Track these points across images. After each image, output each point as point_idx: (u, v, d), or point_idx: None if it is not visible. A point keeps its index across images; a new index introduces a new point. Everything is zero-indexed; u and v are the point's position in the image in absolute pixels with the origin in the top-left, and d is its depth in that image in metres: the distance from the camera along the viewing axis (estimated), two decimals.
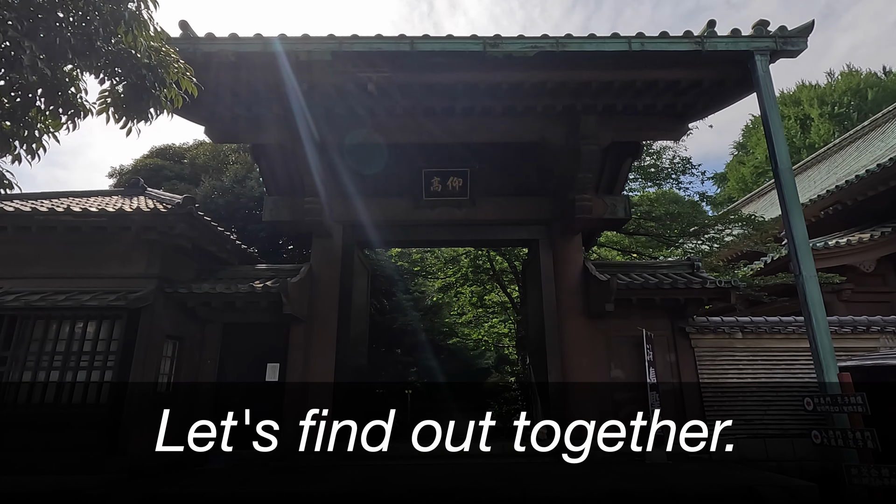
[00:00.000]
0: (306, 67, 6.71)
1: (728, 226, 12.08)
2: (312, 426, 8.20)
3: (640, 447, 8.19)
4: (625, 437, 8.41)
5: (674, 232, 13.13)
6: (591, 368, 8.56)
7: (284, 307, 7.89)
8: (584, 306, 8.86)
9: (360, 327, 10.15)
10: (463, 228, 9.59)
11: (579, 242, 9.34)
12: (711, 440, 8.24)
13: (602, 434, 8.31)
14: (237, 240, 10.37)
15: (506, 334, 18.33)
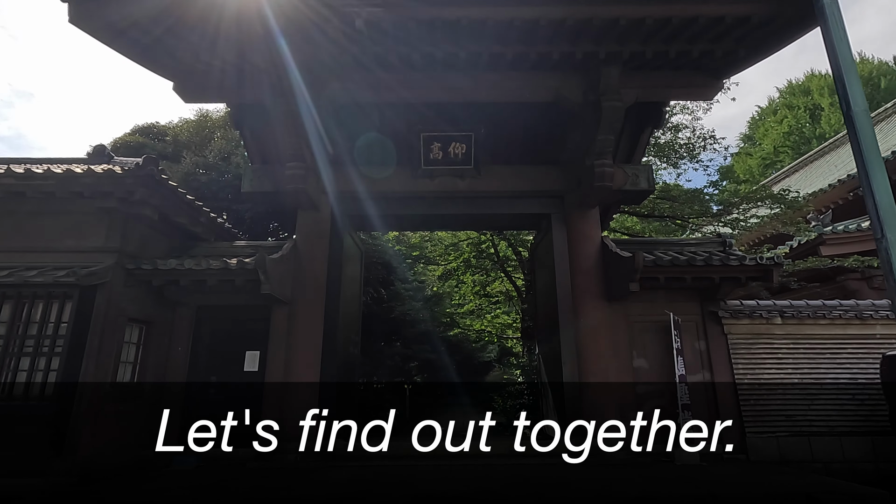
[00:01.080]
0: None
1: (755, 205, 11.07)
2: (295, 422, 7.24)
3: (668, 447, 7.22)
4: (650, 436, 7.44)
5: (693, 212, 12.12)
6: (610, 358, 7.57)
7: (262, 286, 6.90)
8: (602, 288, 7.87)
9: (351, 313, 9.17)
10: (466, 201, 8.58)
11: (596, 217, 8.33)
12: (746, 438, 7.27)
13: (624, 432, 7.35)
14: (220, 217, 9.38)
15: (509, 325, 17.34)
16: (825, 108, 38.65)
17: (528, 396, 12.83)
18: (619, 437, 7.22)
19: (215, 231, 8.55)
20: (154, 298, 7.54)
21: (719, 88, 7.48)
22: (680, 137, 13.07)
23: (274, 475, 6.23)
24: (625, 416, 7.43)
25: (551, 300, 8.49)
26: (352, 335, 9.07)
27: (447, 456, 7.29)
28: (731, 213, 11.44)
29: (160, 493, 5.36)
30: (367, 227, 10.45)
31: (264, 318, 7.87)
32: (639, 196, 8.36)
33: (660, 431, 7.44)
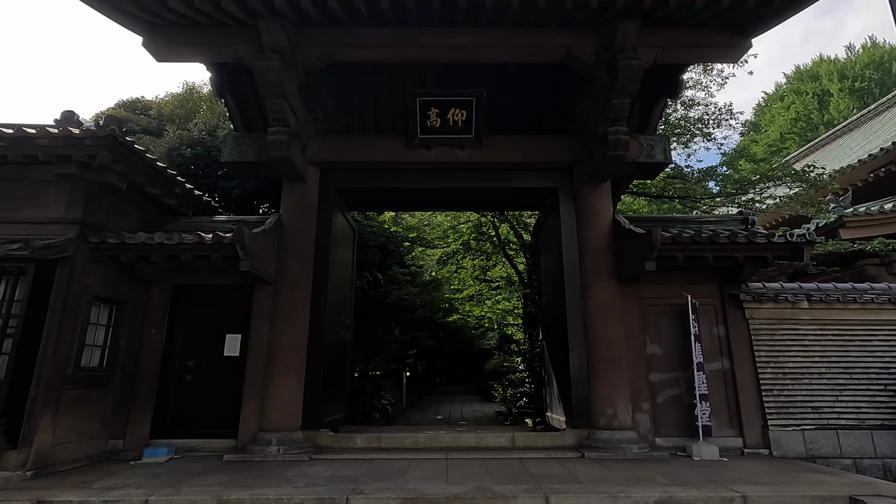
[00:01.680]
0: None
1: (774, 184, 10.38)
2: (278, 409, 6.64)
3: (685, 440, 6.65)
4: (665, 429, 6.87)
5: (706, 192, 11.45)
6: (621, 344, 6.96)
7: (241, 263, 6.25)
8: (613, 268, 7.23)
9: (343, 295, 8.54)
10: (466, 175, 7.90)
11: (608, 191, 7.66)
12: (768, 432, 6.69)
13: (637, 423, 6.77)
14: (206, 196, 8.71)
15: (510, 311, 16.74)
16: (834, 93, 37.83)
17: (529, 385, 12.25)
18: (631, 429, 6.65)
19: (193, 205, 7.88)
20: (125, 276, 6.90)
21: (746, 49, 6.75)
22: (691, 116, 12.35)
23: (249, 469, 5.64)
24: (637, 407, 6.85)
25: (557, 282, 7.86)
26: (343, 318, 8.46)
27: (444, 449, 6.70)
28: (746, 194, 10.76)
29: (110, 492, 4.76)
30: (360, 204, 9.84)
31: (246, 299, 7.24)
32: (654, 169, 7.68)
33: (675, 424, 6.88)
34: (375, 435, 6.81)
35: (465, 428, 9.24)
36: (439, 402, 19.63)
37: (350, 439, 6.79)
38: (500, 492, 4.66)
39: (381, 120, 8.08)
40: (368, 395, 12.48)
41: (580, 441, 6.75)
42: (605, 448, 6.39)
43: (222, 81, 7.30)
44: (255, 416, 6.72)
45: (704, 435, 6.41)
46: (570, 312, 7.26)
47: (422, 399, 21.48)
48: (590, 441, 6.63)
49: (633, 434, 6.60)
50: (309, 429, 6.79)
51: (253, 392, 6.82)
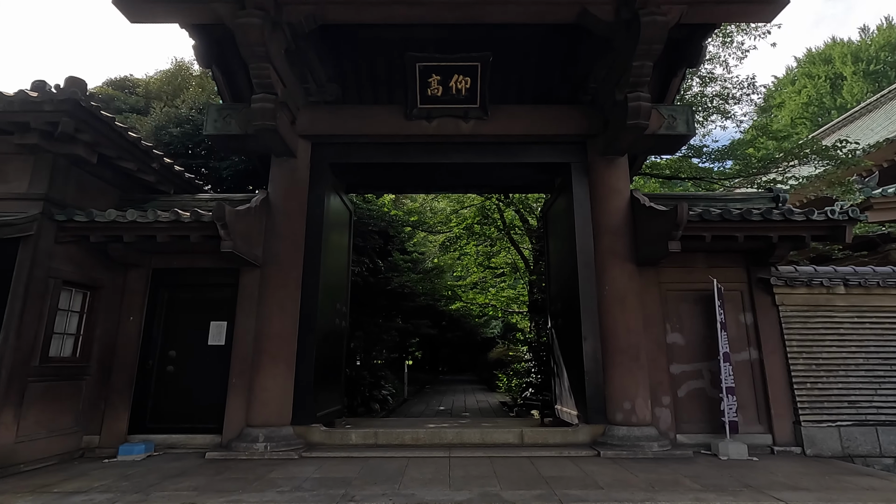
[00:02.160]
0: None
1: (800, 162, 9.70)
2: (266, 403, 6.12)
3: (710, 438, 6.10)
4: (688, 425, 6.32)
5: (724, 174, 10.79)
6: (639, 332, 6.38)
7: (223, 243, 5.67)
8: (631, 250, 6.62)
9: (338, 280, 7.97)
10: (470, 148, 7.26)
11: (625, 166, 7.02)
12: (801, 428, 6.12)
13: (657, 418, 6.21)
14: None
15: (514, 299, 16.18)
16: (847, 76, 36.82)
17: (535, 375, 11.74)
18: (650, 425, 6.10)
19: (174, 182, 7.28)
20: (99, 259, 6.34)
21: (782, 6, 6.07)
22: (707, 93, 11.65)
23: (232, 469, 5.11)
24: (657, 401, 6.28)
25: (568, 266, 7.27)
26: (339, 305, 7.89)
27: (446, 446, 6.16)
28: (768, 174, 10.09)
29: (70, 497, 4.24)
30: (357, 185, 9.23)
31: (232, 284, 6.68)
32: (675, 143, 7.02)
33: (698, 419, 6.32)
34: (372, 431, 6.28)
35: (468, 422, 8.73)
36: (442, 392, 19.19)
37: (344, 435, 6.26)
38: (509, 498, 4.11)
39: (378, 90, 7.46)
40: (368, 386, 11.99)
41: (594, 438, 6.20)
42: (622, 446, 5.84)
43: (206, 49, 6.65)
44: (241, 410, 6.19)
45: (731, 431, 5.85)
46: (584, 298, 6.67)
47: (424, 389, 21.05)
48: (605, 438, 6.08)
49: (653, 430, 6.04)
50: (300, 424, 6.27)
51: (239, 384, 6.29)
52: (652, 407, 6.21)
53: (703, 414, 6.31)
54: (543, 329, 12.93)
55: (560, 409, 7.82)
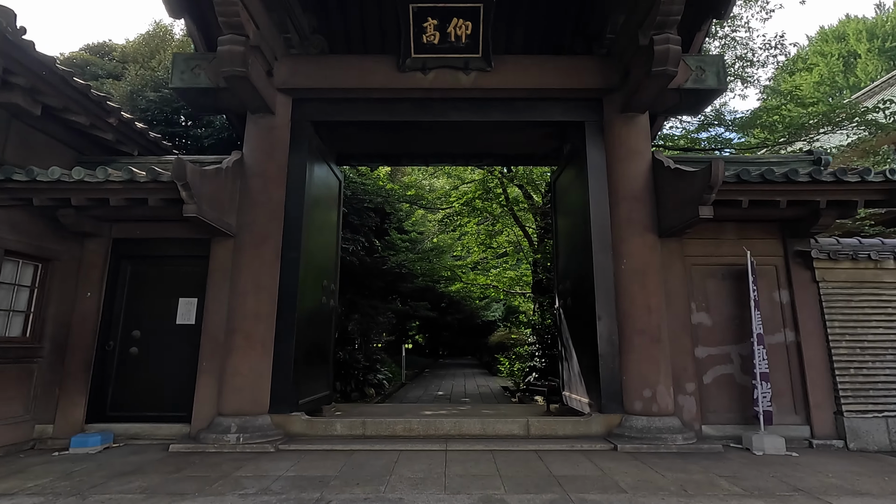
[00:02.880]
0: None
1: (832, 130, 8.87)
2: (240, 389, 5.43)
3: (742, 430, 5.41)
4: (716, 415, 5.62)
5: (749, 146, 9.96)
6: (661, 311, 5.65)
7: (185, 207, 4.91)
8: (652, 220, 5.86)
9: (325, 255, 7.24)
10: (471, 105, 6.45)
11: (646, 124, 6.22)
12: (843, 419, 5.43)
13: (680, 408, 5.51)
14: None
15: (517, 279, 15.45)
16: (862, 53, 35.65)
17: (539, 359, 11.06)
18: (672, 415, 5.40)
19: (137, 142, 6.49)
20: (50, 227, 5.59)
21: None
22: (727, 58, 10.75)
23: (196, 465, 4.44)
24: (681, 388, 5.58)
25: (580, 239, 6.52)
26: (326, 283, 7.17)
27: (443, 437, 5.49)
28: (795, 142, 9.27)
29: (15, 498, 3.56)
30: (344, 149, 8.43)
31: (204, 256, 5.93)
32: (703, 98, 6.21)
33: (725, 409, 5.63)
34: (360, 420, 5.59)
35: (468, 408, 8.07)
36: (441, 377, 18.60)
37: (328, 425, 5.57)
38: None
39: (368, 38, 6.63)
40: (363, 370, 11.32)
41: (609, 429, 5.51)
42: (641, 438, 5.15)
43: None
44: (211, 397, 5.50)
45: (766, 423, 5.16)
46: (598, 274, 5.93)
47: (423, 373, 20.47)
48: (622, 429, 5.38)
49: (676, 421, 5.35)
50: (278, 412, 5.58)
51: (209, 368, 5.58)
52: (674, 395, 5.51)
53: (731, 403, 5.61)
54: (548, 310, 12.23)
55: (568, 396, 7.14)
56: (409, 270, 15.16)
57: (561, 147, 8.39)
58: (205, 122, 10.37)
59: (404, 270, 15.00)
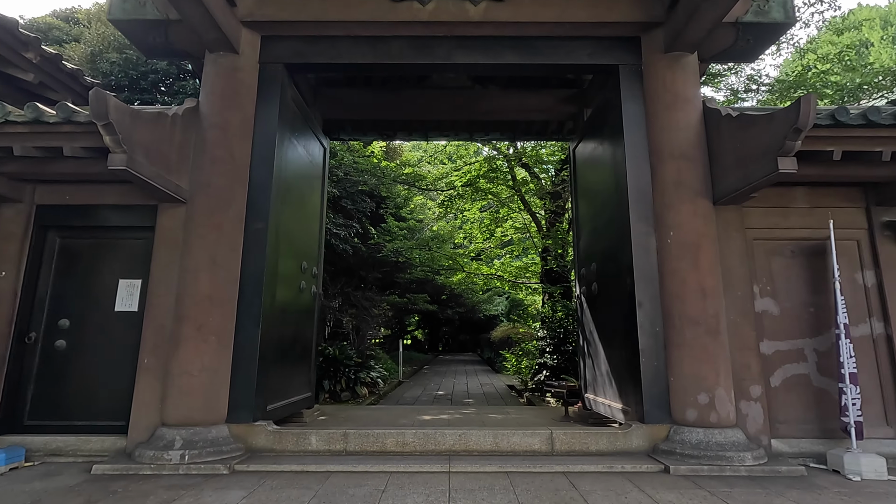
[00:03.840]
0: None
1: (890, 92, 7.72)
2: (189, 392, 4.29)
3: (825, 446, 4.29)
4: (781, 423, 4.50)
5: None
6: (718, 295, 4.51)
7: (111, 157, 3.77)
8: (705, 182, 4.73)
9: (306, 234, 6.13)
10: (480, 45, 5.28)
11: (695, 67, 5.07)
12: None
13: (744, 417, 4.39)
14: None
15: (524, 269, 14.32)
16: (875, 42, 34.57)
17: (552, 356, 9.95)
18: (735, 426, 4.28)
19: (70, 87, 5.34)
20: None
21: None
22: None
23: (115, 496, 3.30)
24: (744, 392, 4.45)
25: (611, 210, 5.39)
26: (306, 265, 6.04)
27: (445, 453, 4.36)
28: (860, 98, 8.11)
29: None
30: (327, 111, 7.30)
31: (151, 227, 4.79)
32: (765, 36, 5.05)
33: (799, 418, 4.50)
34: (340, 432, 4.45)
35: (472, 412, 6.95)
36: (441, 374, 17.48)
37: (301, 438, 4.43)
38: None
39: None
40: (354, 367, 10.20)
41: (654, 443, 4.39)
42: (699, 457, 4.03)
43: None
44: (154, 402, 4.37)
45: (857, 437, 4.04)
46: (638, 251, 4.78)
47: (421, 370, 19.36)
48: (672, 444, 4.26)
49: (740, 434, 4.22)
50: (239, 421, 4.45)
51: (153, 366, 4.45)
52: (736, 400, 4.38)
53: (806, 411, 4.49)
54: (559, 302, 11.11)
55: (593, 399, 6.01)
56: (406, 260, 14.06)
57: (580, 113, 7.34)
58: (176, 88, 9.22)
59: (401, 260, 13.89)
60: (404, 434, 4.44)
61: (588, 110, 7.02)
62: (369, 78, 7.64)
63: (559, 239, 10.86)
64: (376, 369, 11.31)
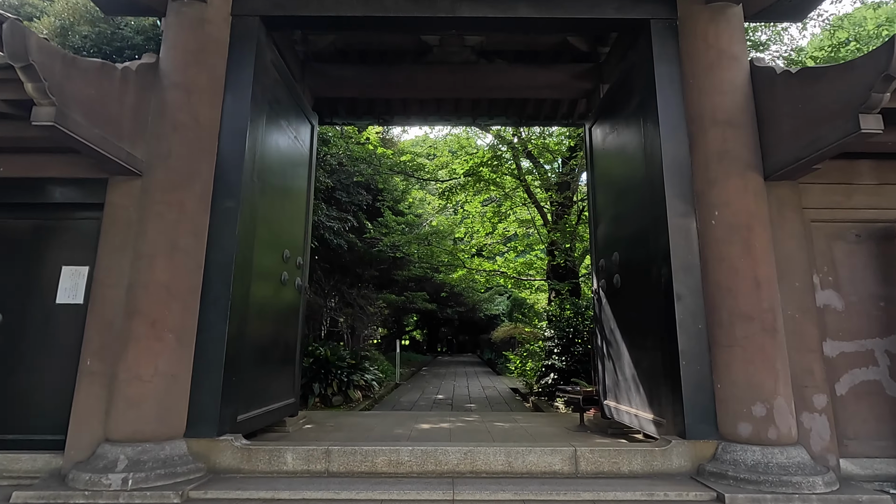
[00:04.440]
0: None
1: None
2: (139, 402, 3.55)
3: None
4: (850, 440, 3.78)
5: None
6: (773, 287, 3.79)
7: (36, 110, 3.04)
8: (755, 152, 4.01)
9: (289, 219, 5.41)
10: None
11: (740, 19, 4.34)
12: None
13: (807, 432, 3.66)
14: None
15: (528, 265, 13.59)
16: None
17: (560, 357, 9.23)
18: (797, 443, 3.56)
19: None
20: None
21: None
22: None
23: None
24: (805, 403, 3.73)
25: (640, 190, 4.67)
26: (287, 254, 5.30)
27: (448, 475, 3.63)
28: None
29: None
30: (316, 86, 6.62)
31: (100, 205, 4.06)
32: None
33: (871, 433, 3.78)
34: (322, 448, 3.71)
35: (476, 418, 6.22)
36: (441, 376, 16.74)
37: (274, 456, 3.69)
38: None
39: None
40: (347, 369, 9.46)
41: (699, 463, 3.66)
42: (758, 481, 3.29)
43: None
44: (97, 413, 3.63)
45: None
46: (676, 234, 4.06)
47: (420, 372, 18.61)
48: (722, 465, 3.52)
49: (804, 454, 3.50)
50: (200, 435, 3.71)
51: (98, 370, 3.71)
52: (797, 412, 3.66)
53: (880, 425, 3.77)
54: (567, 299, 10.41)
55: (614, 408, 5.28)
56: (404, 255, 13.33)
57: (595, 89, 6.71)
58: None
59: (399, 255, 13.17)
60: (399, 452, 3.70)
61: (605, 86, 6.38)
62: (364, 52, 7.00)
63: (567, 232, 10.15)
64: (371, 371, 10.56)
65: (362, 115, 8.10)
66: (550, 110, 7.87)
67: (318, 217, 10.41)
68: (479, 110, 8.00)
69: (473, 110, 8.01)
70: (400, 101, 7.68)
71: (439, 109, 7.99)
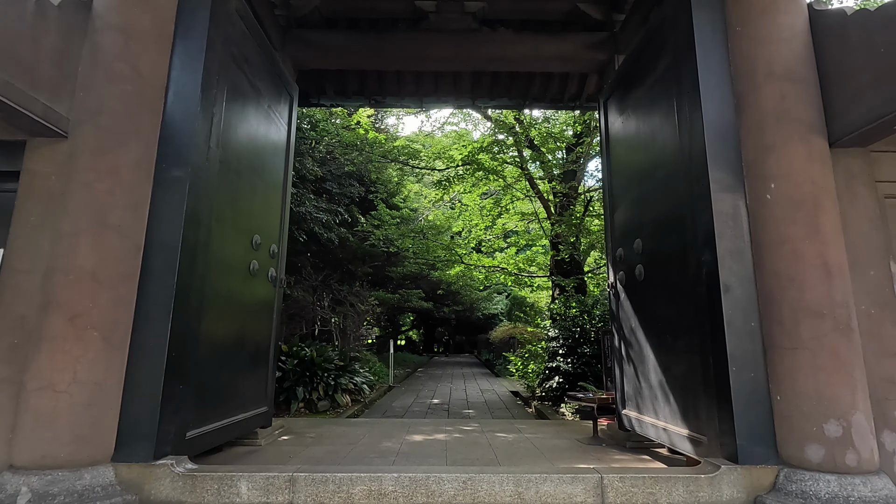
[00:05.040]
0: None
1: None
2: (52, 416, 2.81)
3: None
4: None
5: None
6: (845, 276, 3.07)
7: None
8: (818, 113, 3.30)
9: (262, 200, 4.67)
10: None
11: None
12: None
13: (888, 455, 2.94)
14: None
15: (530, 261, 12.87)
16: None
17: (565, 359, 8.52)
18: (879, 471, 2.84)
19: None
20: None
21: None
22: None
23: None
24: (886, 418, 3.01)
25: (673, 163, 3.95)
26: (259, 239, 4.56)
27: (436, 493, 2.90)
28: None
29: None
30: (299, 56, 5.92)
31: (16, 173, 3.31)
32: None
33: None
34: (286, 476, 2.96)
35: (476, 427, 5.48)
36: (437, 378, 16.00)
37: (225, 484, 2.94)
38: None
39: None
40: (334, 372, 8.73)
41: (756, 493, 2.94)
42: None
43: None
44: (2, 431, 2.88)
45: None
46: (720, 213, 3.33)
47: (415, 373, 17.87)
48: (787, 498, 2.81)
49: (889, 484, 2.78)
50: (133, 458, 2.96)
51: (5, 378, 2.96)
52: (877, 432, 2.94)
53: None
54: (573, 297, 9.70)
55: (636, 419, 4.55)
56: (399, 250, 12.60)
57: (610, 61, 6.07)
58: None
59: (393, 250, 12.43)
60: (381, 480, 2.96)
61: (621, 57, 5.74)
62: (353, 20, 6.31)
63: (573, 224, 9.45)
64: (361, 374, 9.83)
65: (352, 94, 7.39)
66: (558, 90, 7.24)
67: (306, 209, 9.68)
68: (479, 89, 7.33)
69: (473, 90, 7.35)
70: (394, 76, 7.00)
71: (437, 88, 7.32)
